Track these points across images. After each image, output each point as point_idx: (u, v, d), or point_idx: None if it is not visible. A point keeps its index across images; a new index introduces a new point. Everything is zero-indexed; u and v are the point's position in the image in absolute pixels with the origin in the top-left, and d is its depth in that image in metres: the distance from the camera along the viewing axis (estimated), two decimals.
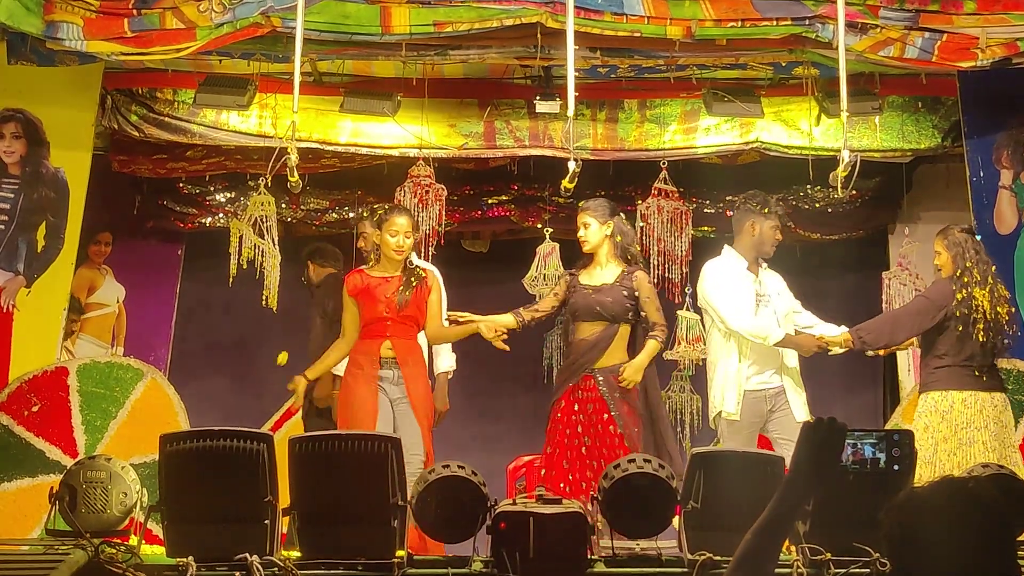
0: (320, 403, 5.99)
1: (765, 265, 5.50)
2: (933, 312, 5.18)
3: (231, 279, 6.64)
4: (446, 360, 5.98)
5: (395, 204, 6.21)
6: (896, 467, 2.65)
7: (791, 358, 5.41)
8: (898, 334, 5.31)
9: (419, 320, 5.31)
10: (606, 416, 5.14)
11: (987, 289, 5.13)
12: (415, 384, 5.22)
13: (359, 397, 5.15)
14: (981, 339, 5.08)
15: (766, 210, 5.42)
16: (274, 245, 6.71)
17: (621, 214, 5.54)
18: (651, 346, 5.22)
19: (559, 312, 5.53)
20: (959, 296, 5.12)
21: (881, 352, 5.80)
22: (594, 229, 5.36)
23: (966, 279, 5.15)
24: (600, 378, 5.19)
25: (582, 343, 5.26)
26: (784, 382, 5.34)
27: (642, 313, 5.27)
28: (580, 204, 5.62)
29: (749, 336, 5.24)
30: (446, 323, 5.30)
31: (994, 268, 5.25)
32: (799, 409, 5.31)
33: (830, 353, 5.44)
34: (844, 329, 5.36)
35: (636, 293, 5.26)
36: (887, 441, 2.60)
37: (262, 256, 6.68)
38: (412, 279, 5.30)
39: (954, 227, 5.36)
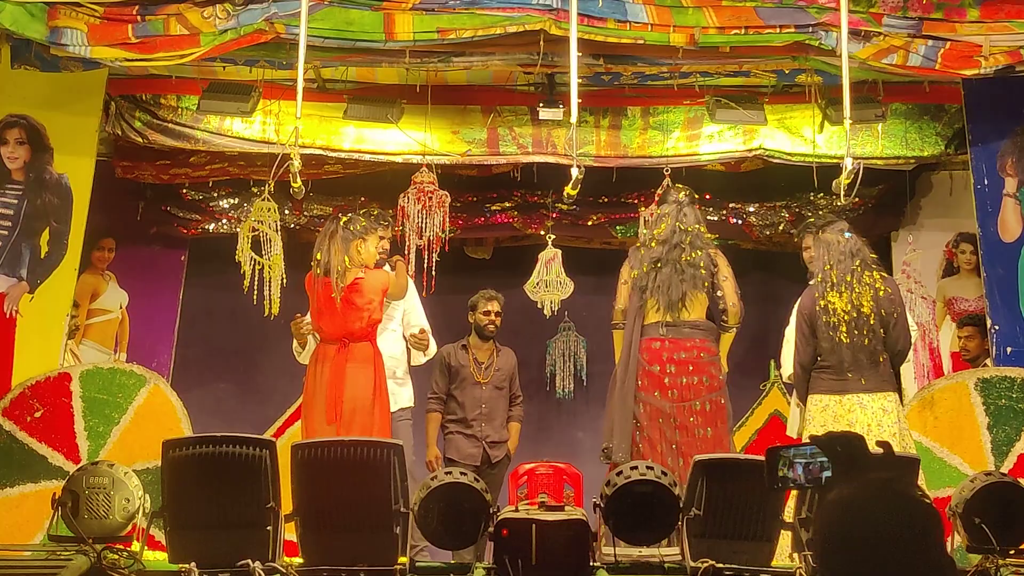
0: None
1: None
2: (804, 325, 5.25)
3: (242, 274, 6.59)
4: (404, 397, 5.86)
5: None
6: None
7: None
8: (802, 357, 5.27)
9: None
10: None
11: (843, 290, 5.12)
12: None
13: None
14: (845, 341, 5.09)
15: None
16: (277, 252, 6.69)
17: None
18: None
19: None
20: (820, 304, 5.18)
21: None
22: None
23: (824, 284, 5.19)
24: None
25: None
26: None
27: None
28: None
29: None
30: None
31: (859, 263, 5.18)
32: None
33: None
34: None
35: None
36: None
37: (263, 264, 6.65)
38: None
39: (830, 226, 5.34)
